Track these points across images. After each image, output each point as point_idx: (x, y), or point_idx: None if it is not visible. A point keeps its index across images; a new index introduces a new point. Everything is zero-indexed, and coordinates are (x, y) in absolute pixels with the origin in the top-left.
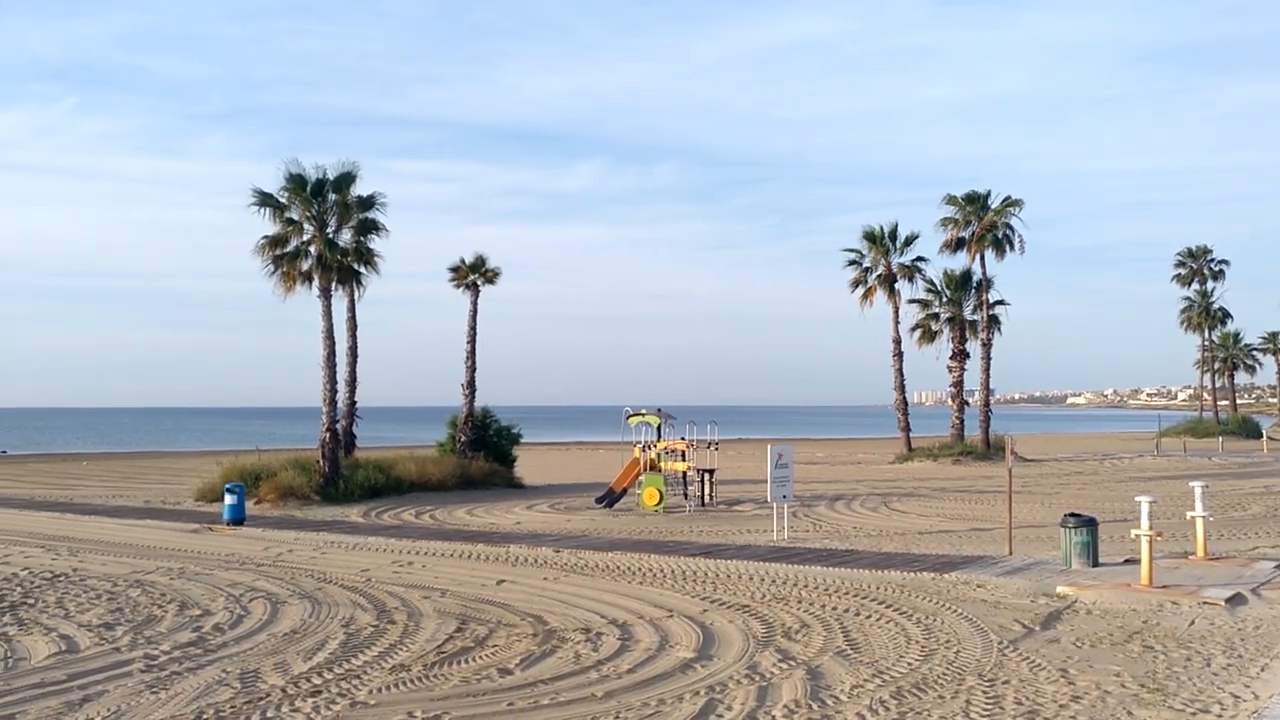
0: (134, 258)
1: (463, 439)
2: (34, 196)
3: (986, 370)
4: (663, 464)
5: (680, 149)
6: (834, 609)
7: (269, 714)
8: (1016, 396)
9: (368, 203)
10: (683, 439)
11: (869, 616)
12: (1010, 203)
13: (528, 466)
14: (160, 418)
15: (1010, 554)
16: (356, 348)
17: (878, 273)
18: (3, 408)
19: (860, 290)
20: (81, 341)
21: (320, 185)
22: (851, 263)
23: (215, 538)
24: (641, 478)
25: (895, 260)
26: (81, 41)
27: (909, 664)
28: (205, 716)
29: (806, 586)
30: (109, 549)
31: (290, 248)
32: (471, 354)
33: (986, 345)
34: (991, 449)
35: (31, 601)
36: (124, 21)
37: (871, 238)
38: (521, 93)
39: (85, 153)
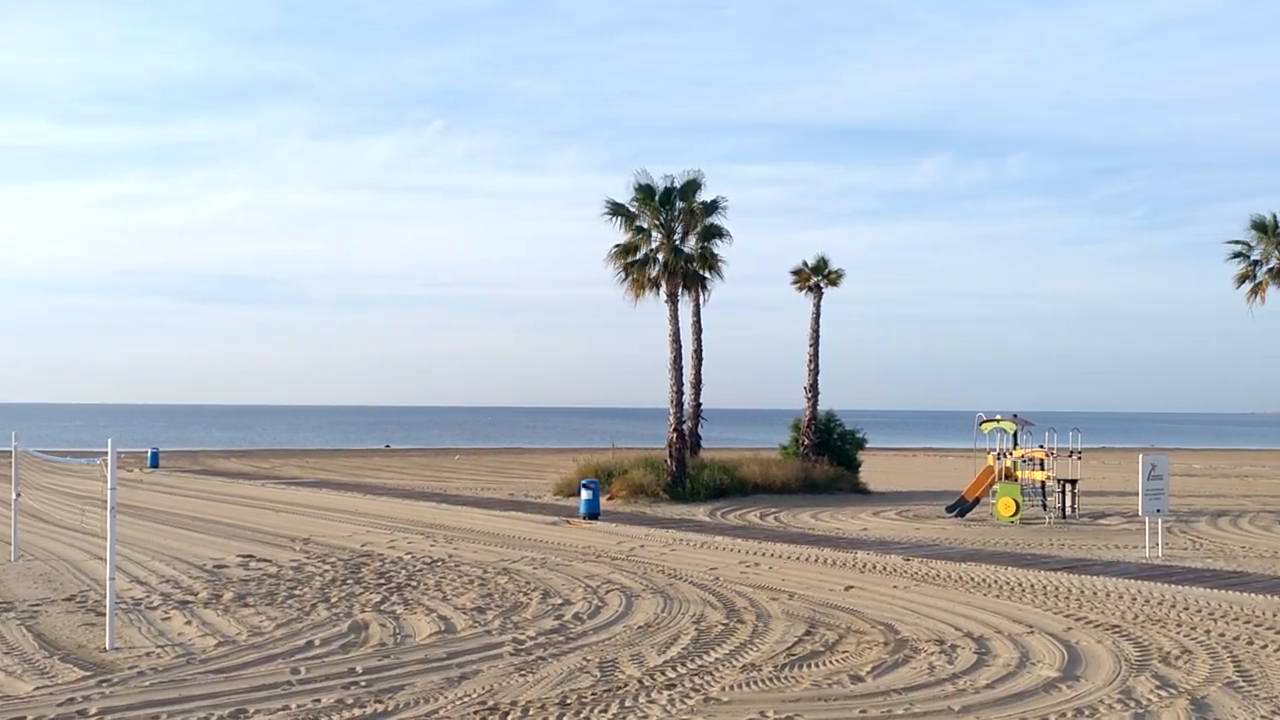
0: (499, 268)
1: (806, 442)
2: (414, 214)
3: None
4: (1019, 473)
5: (1033, 139)
6: (1221, 635)
7: (626, 703)
8: None
9: (711, 208)
10: (1041, 446)
11: (1265, 646)
12: None
13: (872, 472)
14: (518, 416)
15: None
16: (701, 351)
17: (1269, 266)
18: (387, 405)
19: (1247, 286)
20: (454, 345)
21: (667, 194)
22: (1236, 255)
23: (573, 531)
24: (996, 487)
25: None
26: (448, 67)
27: None
28: (569, 701)
29: (1187, 609)
30: (479, 538)
31: (639, 255)
32: (814, 357)
33: None
34: None
35: (414, 584)
36: (486, 46)
37: (1261, 227)
38: (863, 90)
39: (454, 172)
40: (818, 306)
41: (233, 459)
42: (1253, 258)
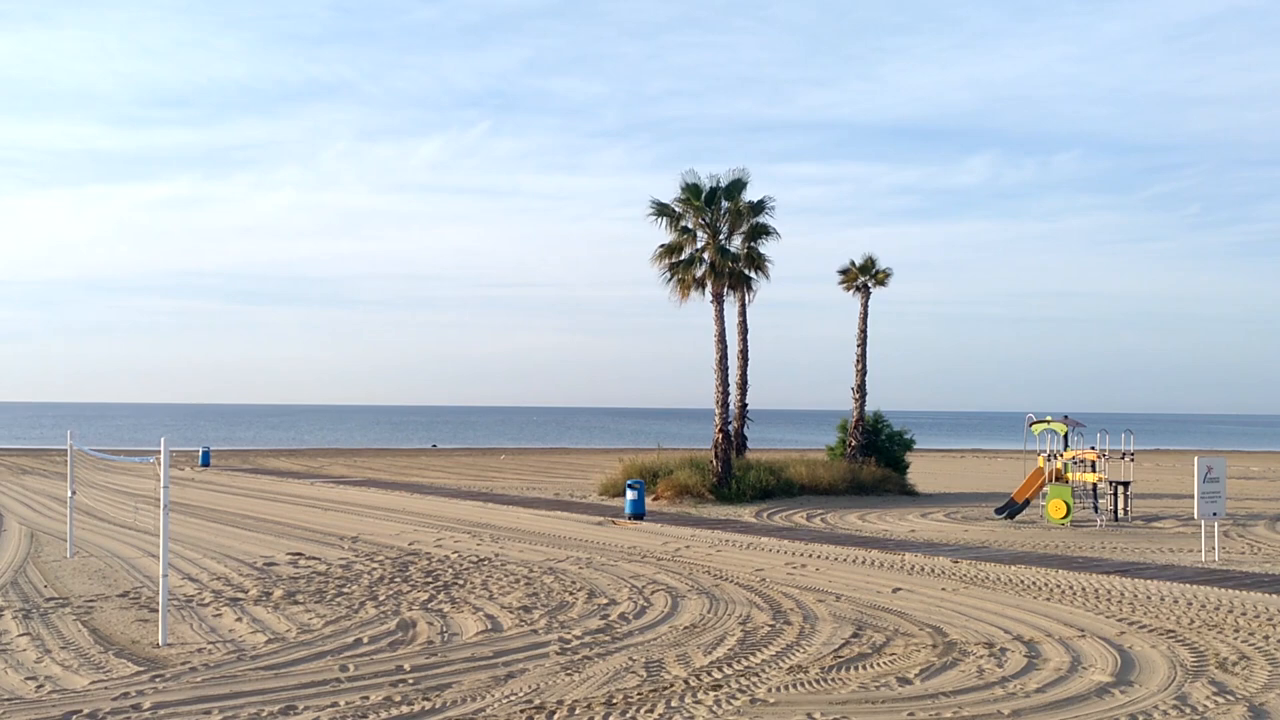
0: (544, 269)
1: (853, 443)
2: (459, 215)
3: None
4: (1070, 474)
5: (1083, 137)
6: None
7: (673, 704)
8: None
9: (758, 208)
10: (1093, 448)
11: None
12: None
13: (920, 473)
14: (563, 416)
15: None
16: (747, 351)
17: None
18: (434, 405)
19: None
20: (499, 345)
21: (713, 193)
22: None
23: (618, 531)
24: (1046, 489)
25: None
26: (493, 69)
27: None
28: (615, 701)
29: (1244, 614)
30: (525, 537)
31: (685, 255)
32: (861, 357)
33: None
34: None
35: (461, 582)
36: (531, 47)
37: None
38: (908, 88)
39: (500, 173)
40: (865, 306)
41: (282, 458)
42: None
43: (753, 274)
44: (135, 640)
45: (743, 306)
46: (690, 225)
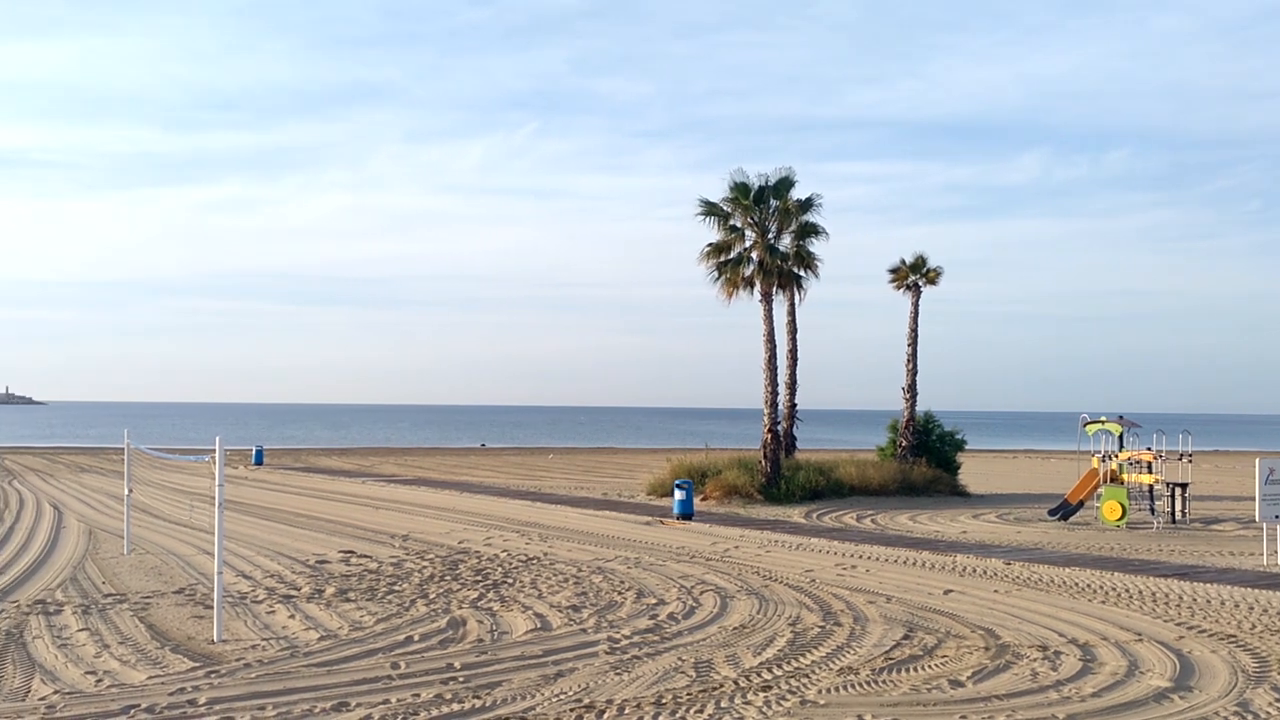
0: (591, 269)
1: (903, 444)
2: (506, 215)
3: None
4: (1125, 476)
5: (1137, 132)
6: None
7: (722, 704)
8: None
9: (806, 206)
10: (1149, 449)
11: None
12: None
13: (971, 474)
14: (611, 416)
15: None
16: (796, 351)
17: None
18: (482, 404)
19: None
20: (548, 345)
21: (761, 192)
22: None
23: (666, 531)
24: (1100, 490)
25: None
26: (540, 70)
27: None
28: (664, 701)
29: None
30: (573, 536)
31: (733, 254)
32: (912, 357)
33: None
34: None
35: (510, 581)
36: (578, 48)
37: None
38: (958, 85)
39: (546, 174)
40: (916, 305)
41: (333, 457)
42: None
43: (802, 273)
44: (191, 636)
45: (792, 306)
46: (739, 224)
